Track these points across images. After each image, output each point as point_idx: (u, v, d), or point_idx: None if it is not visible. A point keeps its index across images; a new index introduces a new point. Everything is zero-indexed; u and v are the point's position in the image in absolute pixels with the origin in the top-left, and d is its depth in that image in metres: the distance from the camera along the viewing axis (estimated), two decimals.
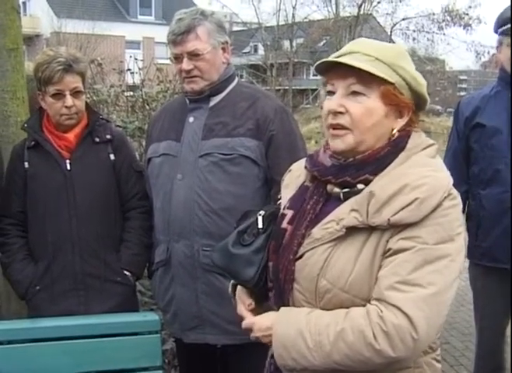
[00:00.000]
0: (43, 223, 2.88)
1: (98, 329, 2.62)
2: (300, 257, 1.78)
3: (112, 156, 2.97)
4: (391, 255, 1.66)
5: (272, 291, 1.86)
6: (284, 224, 1.86)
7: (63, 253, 2.86)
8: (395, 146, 1.77)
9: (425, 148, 1.80)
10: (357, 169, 1.76)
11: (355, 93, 1.75)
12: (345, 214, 1.73)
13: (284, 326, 1.73)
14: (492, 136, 3.46)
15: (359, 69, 1.71)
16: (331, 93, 1.80)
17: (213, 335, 2.76)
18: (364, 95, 1.75)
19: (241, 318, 1.94)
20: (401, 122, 1.79)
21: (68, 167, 2.89)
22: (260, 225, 1.93)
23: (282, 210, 1.92)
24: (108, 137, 2.98)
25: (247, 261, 1.89)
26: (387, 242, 1.68)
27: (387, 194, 1.67)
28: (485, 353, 3.74)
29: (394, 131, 1.78)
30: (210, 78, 2.77)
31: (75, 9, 31.45)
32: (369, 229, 1.69)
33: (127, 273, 2.94)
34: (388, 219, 1.66)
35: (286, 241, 1.83)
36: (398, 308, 1.60)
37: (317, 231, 1.77)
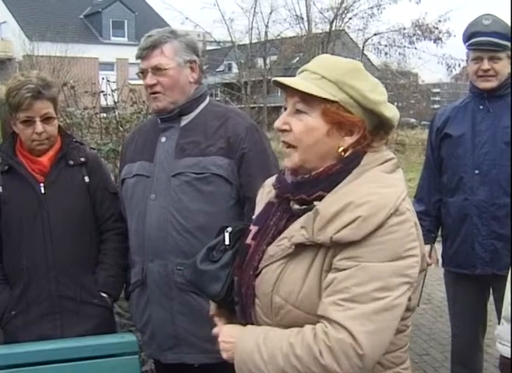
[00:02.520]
0: (18, 247, 2.87)
1: (75, 352, 2.60)
2: (260, 273, 1.81)
3: (87, 178, 2.97)
4: (333, 273, 1.68)
5: (237, 305, 1.89)
6: (248, 240, 1.90)
7: (38, 277, 2.85)
8: (348, 163, 1.77)
9: (381, 164, 1.79)
10: (311, 186, 1.78)
11: (298, 111, 1.80)
12: (295, 231, 1.76)
13: (245, 339, 1.76)
14: (457, 145, 3.55)
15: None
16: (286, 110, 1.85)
17: (190, 354, 2.76)
18: (306, 114, 1.78)
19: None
20: (349, 140, 1.78)
21: (43, 191, 2.89)
22: (226, 242, 1.96)
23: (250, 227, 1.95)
24: (82, 159, 2.98)
25: (213, 277, 1.92)
26: (333, 259, 1.69)
27: (332, 212, 1.68)
28: (460, 361, 3.79)
29: (341, 149, 1.78)
30: (172, 96, 2.78)
31: (48, 32, 31.38)
32: (317, 247, 1.71)
33: (103, 294, 2.94)
34: (331, 237, 1.67)
35: (249, 256, 1.86)
36: (339, 324, 1.61)
37: (271, 248, 1.80)
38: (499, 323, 3.54)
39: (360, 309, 1.61)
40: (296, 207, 1.82)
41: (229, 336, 1.82)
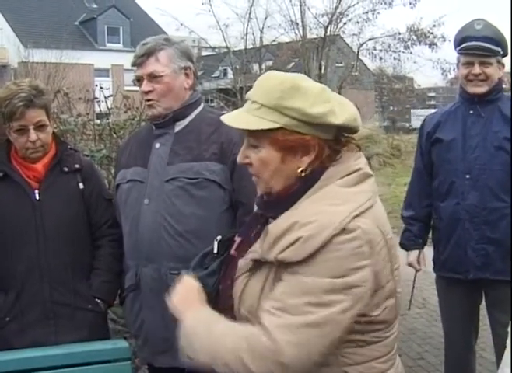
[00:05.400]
0: (12, 253, 2.87)
1: (68, 358, 2.61)
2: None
3: (81, 185, 2.98)
4: (277, 282, 1.70)
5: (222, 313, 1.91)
6: (232, 251, 1.93)
7: (32, 283, 2.85)
8: (306, 182, 1.76)
9: (344, 176, 1.76)
10: (274, 207, 1.80)
11: (252, 145, 1.80)
12: (256, 247, 1.78)
13: (195, 316, 1.81)
14: (448, 150, 3.56)
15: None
16: None
17: (183, 358, 2.76)
18: (258, 147, 1.78)
19: None
20: (307, 159, 1.76)
21: (37, 197, 2.90)
22: (215, 250, 1.99)
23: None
24: (77, 166, 2.99)
25: (201, 283, 1.94)
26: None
27: (278, 231, 1.69)
28: (453, 366, 3.80)
29: (300, 170, 1.76)
30: (168, 103, 2.81)
31: (43, 39, 31.35)
32: (269, 263, 1.72)
33: (97, 300, 2.95)
34: (275, 257, 1.68)
35: (229, 267, 1.90)
36: (267, 330, 1.64)
37: (240, 262, 1.83)
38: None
39: (288, 320, 1.63)
40: (270, 221, 1.82)
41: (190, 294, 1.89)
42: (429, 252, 3.83)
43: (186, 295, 1.89)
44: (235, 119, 1.80)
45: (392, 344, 1.86)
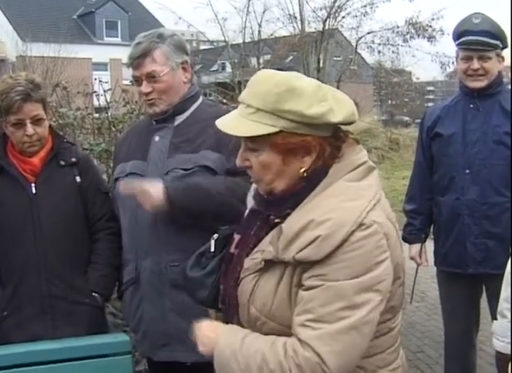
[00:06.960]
0: (9, 247, 2.86)
1: (68, 352, 2.60)
2: (240, 283, 1.83)
3: (78, 179, 2.97)
4: (302, 291, 1.68)
5: (222, 312, 1.92)
6: (232, 249, 1.91)
7: (29, 277, 2.85)
8: (311, 181, 1.75)
9: (350, 171, 1.75)
10: (278, 205, 1.78)
11: (250, 149, 1.77)
12: (265, 246, 1.76)
13: (223, 344, 1.77)
14: (448, 145, 3.55)
15: None
16: None
17: (182, 352, 2.75)
18: (257, 150, 1.76)
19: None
20: (309, 159, 1.75)
21: (34, 191, 2.89)
22: (212, 249, 1.97)
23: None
24: (73, 160, 2.98)
25: (200, 284, 1.94)
26: (301, 276, 1.69)
27: (293, 231, 1.68)
28: (454, 358, 3.80)
29: (302, 170, 1.75)
30: (169, 100, 2.80)
31: (41, 33, 31.29)
32: (284, 263, 1.70)
33: (95, 294, 2.94)
34: (293, 256, 1.66)
35: (231, 266, 1.88)
36: (307, 344, 1.62)
37: (247, 261, 1.81)
38: (492, 321, 3.56)
39: (326, 329, 1.63)
40: (272, 219, 1.81)
41: (210, 331, 1.84)
42: (429, 245, 3.83)
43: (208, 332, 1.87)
44: (231, 125, 1.78)
45: (397, 335, 1.87)
